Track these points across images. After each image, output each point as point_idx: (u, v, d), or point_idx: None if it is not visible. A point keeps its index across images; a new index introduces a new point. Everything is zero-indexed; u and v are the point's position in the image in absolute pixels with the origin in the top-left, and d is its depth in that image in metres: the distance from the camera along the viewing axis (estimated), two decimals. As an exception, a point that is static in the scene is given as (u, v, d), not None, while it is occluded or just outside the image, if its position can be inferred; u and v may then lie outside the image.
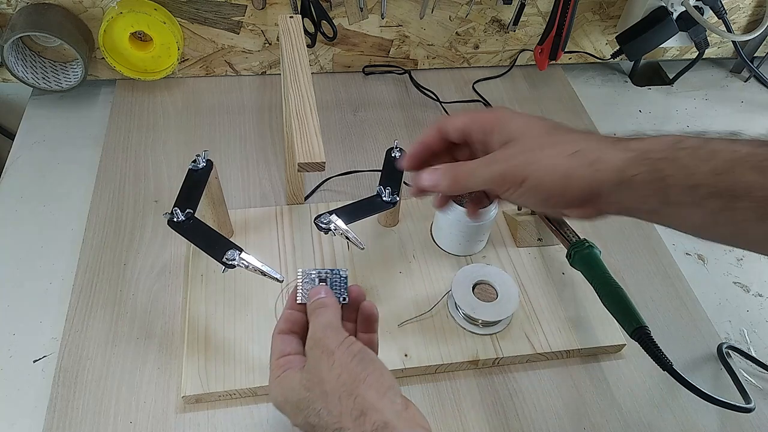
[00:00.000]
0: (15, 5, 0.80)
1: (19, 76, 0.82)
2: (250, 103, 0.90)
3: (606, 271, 0.63)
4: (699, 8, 0.91)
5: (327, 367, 0.43)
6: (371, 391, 0.41)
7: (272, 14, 0.87)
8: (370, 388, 0.41)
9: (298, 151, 0.57)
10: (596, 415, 0.60)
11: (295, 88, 0.63)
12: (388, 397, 0.41)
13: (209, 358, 0.59)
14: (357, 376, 0.42)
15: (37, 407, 0.57)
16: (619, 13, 0.97)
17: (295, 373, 0.45)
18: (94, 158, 0.79)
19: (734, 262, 0.78)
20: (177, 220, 0.56)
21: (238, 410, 0.58)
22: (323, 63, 0.95)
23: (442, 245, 0.72)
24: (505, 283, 0.65)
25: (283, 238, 0.70)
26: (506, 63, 1.01)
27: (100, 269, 0.67)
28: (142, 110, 0.86)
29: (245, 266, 0.53)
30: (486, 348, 0.63)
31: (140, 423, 0.56)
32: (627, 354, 0.65)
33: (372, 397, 0.41)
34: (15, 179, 0.77)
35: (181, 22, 0.85)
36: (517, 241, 0.73)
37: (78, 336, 0.61)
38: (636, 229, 0.78)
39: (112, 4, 0.81)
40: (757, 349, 0.69)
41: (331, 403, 0.41)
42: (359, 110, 0.91)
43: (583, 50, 1.01)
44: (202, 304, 0.63)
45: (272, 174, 0.80)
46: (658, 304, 0.71)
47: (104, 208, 0.73)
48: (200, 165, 0.61)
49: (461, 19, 0.93)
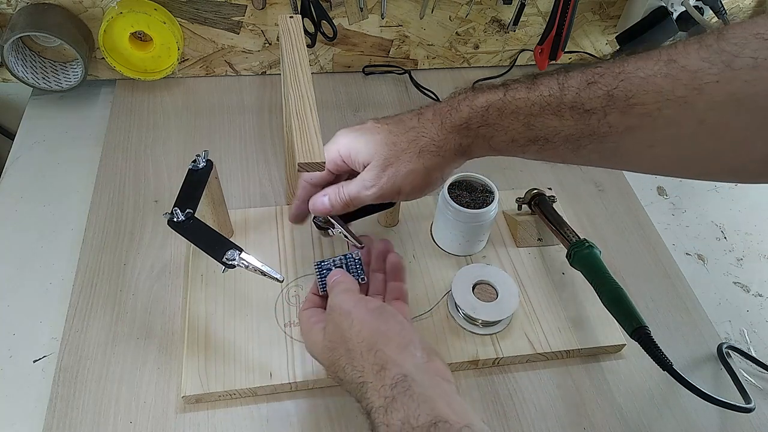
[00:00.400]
0: (15, 5, 0.80)
1: (19, 76, 0.82)
2: (250, 103, 0.90)
3: (606, 271, 0.63)
4: (699, 8, 0.91)
5: (347, 327, 0.45)
6: (391, 345, 0.43)
7: (272, 14, 0.87)
8: (390, 341, 0.44)
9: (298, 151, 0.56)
10: (596, 415, 0.60)
11: (295, 88, 0.63)
12: (408, 350, 0.44)
13: (209, 358, 0.59)
14: (376, 331, 0.44)
15: (37, 407, 0.57)
16: (619, 13, 0.97)
17: (319, 333, 0.48)
18: (94, 158, 0.79)
19: (734, 262, 0.79)
20: (177, 220, 0.56)
21: (238, 410, 0.58)
22: (323, 63, 0.95)
23: (442, 245, 0.72)
24: (505, 283, 0.65)
25: (283, 238, 0.70)
26: (506, 63, 1.01)
27: (100, 269, 0.67)
28: (142, 110, 0.86)
29: (245, 266, 0.53)
30: (486, 348, 0.63)
31: (140, 423, 0.56)
32: (627, 354, 0.65)
33: (392, 351, 0.43)
34: (15, 179, 0.77)
35: (181, 22, 0.85)
36: (517, 241, 0.73)
37: (78, 336, 0.61)
38: (636, 229, 0.78)
39: (112, 4, 0.81)
40: (757, 349, 0.69)
41: (355, 359, 0.44)
42: (359, 110, 0.91)
43: (583, 50, 1.01)
44: (202, 304, 0.63)
45: (272, 174, 0.80)
46: (658, 304, 0.71)
47: (104, 208, 0.73)
48: (200, 165, 0.61)
49: (461, 19, 0.93)
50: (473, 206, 0.67)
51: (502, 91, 0.47)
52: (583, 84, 0.43)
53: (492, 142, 0.49)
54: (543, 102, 0.45)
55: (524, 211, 0.74)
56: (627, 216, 0.80)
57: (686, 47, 0.39)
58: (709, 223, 0.84)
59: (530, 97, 0.45)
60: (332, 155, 0.54)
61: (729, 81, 0.37)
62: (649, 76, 0.40)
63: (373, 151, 0.52)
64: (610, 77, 0.42)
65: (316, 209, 0.55)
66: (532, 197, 0.73)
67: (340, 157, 0.54)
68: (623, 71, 0.41)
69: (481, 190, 0.69)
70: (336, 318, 0.47)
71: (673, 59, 0.39)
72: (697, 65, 0.38)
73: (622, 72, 0.41)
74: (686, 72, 0.38)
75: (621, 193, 0.83)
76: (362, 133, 0.53)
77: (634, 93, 0.40)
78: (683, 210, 0.85)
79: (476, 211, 0.66)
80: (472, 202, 0.68)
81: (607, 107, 0.42)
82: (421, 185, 0.52)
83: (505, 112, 0.47)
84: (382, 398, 0.41)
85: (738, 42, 0.37)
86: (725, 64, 0.37)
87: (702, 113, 0.38)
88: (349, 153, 0.53)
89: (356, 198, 0.53)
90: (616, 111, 0.41)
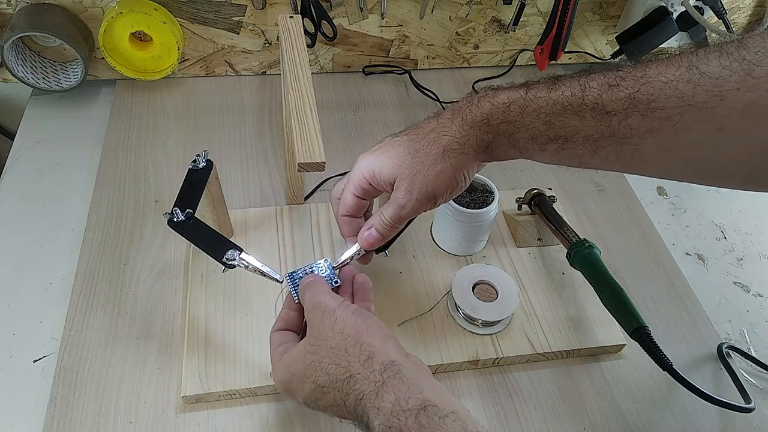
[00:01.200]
0: (15, 5, 0.80)
1: (19, 76, 0.82)
2: (250, 103, 0.90)
3: (606, 271, 0.63)
4: (699, 8, 0.91)
5: (330, 325, 0.45)
6: (375, 337, 0.44)
7: (272, 14, 0.87)
8: (373, 335, 0.44)
9: (298, 151, 0.57)
10: (596, 415, 0.60)
11: (295, 88, 0.63)
12: (391, 341, 0.45)
13: (209, 358, 0.59)
14: (359, 328, 0.45)
15: (37, 407, 0.57)
16: (619, 13, 0.97)
17: (296, 346, 0.48)
18: (94, 158, 0.79)
19: (734, 262, 0.79)
20: (177, 220, 0.56)
21: (238, 410, 0.58)
22: (323, 63, 0.95)
23: (442, 245, 0.72)
24: (505, 283, 0.65)
25: (283, 238, 0.70)
26: (506, 63, 1.01)
27: (100, 269, 0.67)
28: (142, 110, 0.86)
29: (245, 266, 0.53)
30: (486, 348, 0.62)
31: (140, 423, 0.56)
32: (627, 354, 0.65)
33: (376, 341, 0.44)
34: (15, 179, 0.77)
35: (181, 22, 0.85)
36: (517, 241, 0.73)
37: (78, 336, 0.61)
38: (636, 229, 0.78)
39: (112, 4, 0.81)
40: (757, 349, 0.69)
41: (338, 356, 0.44)
42: (359, 110, 0.91)
43: (583, 50, 1.01)
44: (202, 304, 0.63)
45: (272, 174, 0.80)
46: (658, 304, 0.71)
47: (104, 208, 0.73)
48: (200, 165, 0.61)
49: (461, 19, 0.93)
50: (473, 206, 0.67)
51: (523, 90, 0.48)
52: (604, 86, 0.43)
53: (512, 139, 0.49)
54: (565, 101, 0.45)
55: (524, 211, 0.74)
56: (627, 216, 0.80)
57: (707, 54, 0.40)
58: (709, 223, 0.84)
59: (552, 96, 0.46)
60: (357, 180, 0.54)
61: (750, 89, 0.37)
62: (670, 81, 0.40)
63: (397, 164, 0.51)
64: (632, 80, 0.42)
65: (369, 245, 0.55)
66: (532, 197, 0.73)
67: (365, 180, 0.54)
68: (645, 75, 0.42)
69: (481, 190, 0.69)
70: (319, 316, 0.47)
71: (695, 65, 0.40)
72: (718, 72, 0.38)
73: (644, 76, 0.42)
74: (707, 78, 0.39)
75: (621, 193, 0.83)
76: (382, 151, 0.53)
77: (656, 97, 0.41)
78: (683, 210, 0.85)
79: (476, 211, 0.66)
80: (472, 202, 0.68)
81: (628, 110, 0.42)
82: (451, 186, 0.51)
83: (526, 110, 0.47)
84: (372, 384, 0.41)
85: (759, 51, 0.38)
86: (746, 72, 0.37)
87: (722, 120, 0.39)
88: (372, 173, 0.53)
89: (397, 218, 0.53)
90: (637, 114, 0.42)
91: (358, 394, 0.42)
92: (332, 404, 0.44)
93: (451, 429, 0.38)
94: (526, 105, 0.47)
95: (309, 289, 0.50)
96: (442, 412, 0.39)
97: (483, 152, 0.50)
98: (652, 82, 0.41)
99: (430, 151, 0.50)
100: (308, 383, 0.45)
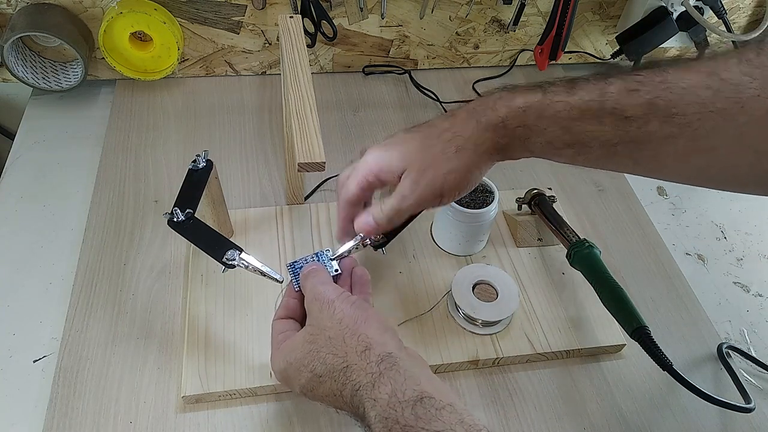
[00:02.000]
0: (15, 5, 0.80)
1: (19, 76, 0.82)
2: (250, 103, 0.90)
3: (606, 271, 0.63)
4: (699, 8, 0.91)
5: (328, 316, 0.46)
6: (373, 329, 0.44)
7: (272, 14, 0.87)
8: (371, 326, 0.44)
9: (298, 151, 0.57)
10: (596, 415, 0.60)
11: (295, 88, 0.63)
12: (390, 332, 0.45)
13: (209, 358, 0.59)
14: (357, 318, 0.45)
15: (37, 407, 0.57)
16: (619, 13, 0.97)
17: (296, 334, 0.48)
18: (94, 158, 0.79)
19: (734, 262, 0.79)
20: (177, 220, 0.56)
21: (238, 410, 0.58)
22: (323, 63, 0.95)
23: (442, 245, 0.72)
24: (505, 283, 0.65)
25: (283, 238, 0.70)
26: (506, 63, 1.01)
27: (100, 269, 0.67)
28: (142, 110, 0.86)
29: (245, 266, 0.53)
30: (486, 348, 0.62)
31: (140, 423, 0.56)
32: (627, 354, 0.65)
33: (374, 333, 0.44)
34: (15, 179, 0.77)
35: (181, 22, 0.85)
36: (517, 241, 0.73)
37: (78, 336, 0.61)
38: (636, 229, 0.78)
39: (112, 4, 0.81)
40: (757, 349, 0.69)
41: (336, 346, 0.44)
42: (359, 110, 0.91)
43: (583, 50, 1.01)
44: (202, 304, 0.63)
45: (272, 174, 0.80)
46: (658, 304, 0.71)
47: (104, 208, 0.73)
48: (200, 165, 0.61)
49: (461, 19, 0.93)
50: (473, 206, 0.67)
51: (540, 93, 0.47)
52: (623, 91, 0.43)
53: (528, 143, 0.48)
54: (583, 106, 0.45)
55: (524, 211, 0.74)
56: (627, 216, 0.80)
57: (726, 60, 0.39)
58: (709, 223, 0.84)
59: (570, 100, 0.45)
60: (364, 172, 0.53)
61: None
62: (690, 87, 0.40)
63: (408, 158, 0.51)
64: (651, 86, 0.42)
65: (362, 229, 0.55)
66: (532, 197, 0.73)
67: (372, 173, 0.53)
68: (664, 80, 0.41)
69: (481, 190, 0.69)
70: (318, 306, 0.47)
71: (714, 72, 0.39)
72: (738, 79, 0.38)
73: (664, 81, 0.41)
74: (727, 85, 0.39)
75: (621, 193, 0.83)
76: (393, 145, 0.53)
77: (676, 103, 0.41)
78: (683, 210, 0.85)
79: (476, 211, 0.66)
80: (472, 202, 0.68)
81: (647, 115, 0.42)
82: (460, 185, 0.51)
83: (544, 115, 0.46)
84: (368, 375, 0.41)
85: None
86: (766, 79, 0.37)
87: (741, 126, 0.39)
88: (380, 167, 0.53)
89: (398, 210, 0.52)
90: (656, 119, 0.42)
91: (354, 385, 0.42)
92: (329, 394, 0.44)
93: (448, 421, 0.38)
94: (543, 109, 0.46)
95: (310, 279, 0.50)
96: (438, 403, 0.39)
97: (497, 154, 0.50)
98: (671, 87, 0.41)
99: (444, 149, 0.50)
100: (306, 372, 0.45)
